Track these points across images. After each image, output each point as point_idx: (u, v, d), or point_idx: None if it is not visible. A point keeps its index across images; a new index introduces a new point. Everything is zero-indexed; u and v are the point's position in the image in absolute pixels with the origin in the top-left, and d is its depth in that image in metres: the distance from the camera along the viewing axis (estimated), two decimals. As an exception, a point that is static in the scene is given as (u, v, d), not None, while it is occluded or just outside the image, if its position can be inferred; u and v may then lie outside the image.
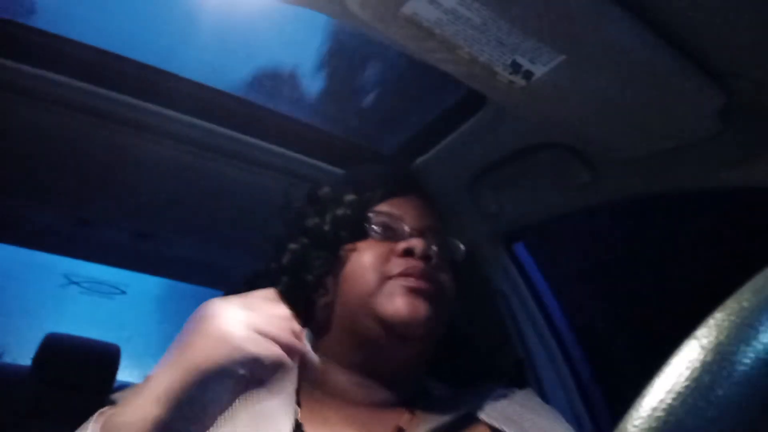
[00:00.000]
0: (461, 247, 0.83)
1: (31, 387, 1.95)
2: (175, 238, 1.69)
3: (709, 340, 0.22)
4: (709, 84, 0.65)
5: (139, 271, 2.16)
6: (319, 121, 1.25)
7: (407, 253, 0.73)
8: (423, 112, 1.15)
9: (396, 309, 0.70)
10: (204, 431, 0.53)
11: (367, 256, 0.75)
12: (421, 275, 0.72)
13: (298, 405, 0.70)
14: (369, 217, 0.79)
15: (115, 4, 1.23)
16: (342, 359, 0.74)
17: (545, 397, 1.14)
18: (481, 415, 0.70)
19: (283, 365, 0.52)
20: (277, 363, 0.52)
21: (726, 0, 0.56)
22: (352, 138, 1.25)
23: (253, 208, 1.27)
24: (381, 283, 0.72)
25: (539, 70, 0.66)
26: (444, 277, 0.76)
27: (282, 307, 0.57)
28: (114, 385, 2.07)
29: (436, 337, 0.76)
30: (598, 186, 0.95)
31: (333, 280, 0.77)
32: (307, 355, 0.57)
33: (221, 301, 0.56)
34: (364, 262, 0.74)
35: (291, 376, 0.70)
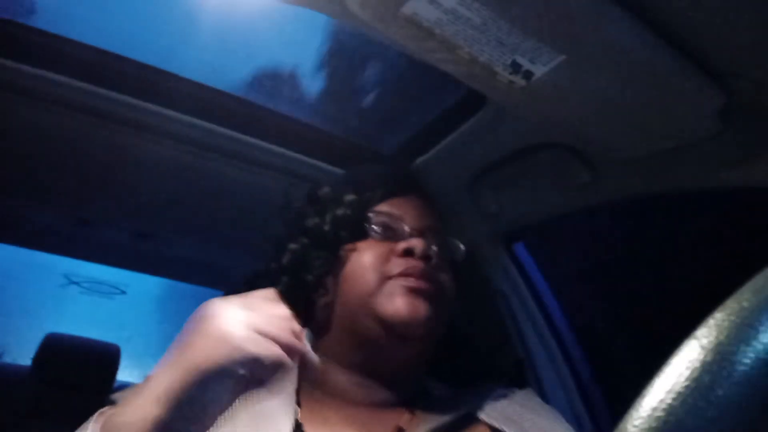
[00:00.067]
0: (461, 247, 0.83)
1: (31, 387, 1.95)
2: (175, 238, 1.69)
3: (709, 340, 0.22)
4: (709, 84, 0.65)
5: (139, 271, 2.15)
6: (319, 121, 1.25)
7: (407, 253, 0.73)
8: (423, 112, 1.15)
9: (396, 309, 0.70)
10: (204, 431, 0.53)
11: (367, 256, 0.75)
12: (421, 275, 0.72)
13: (298, 405, 0.70)
14: (369, 217, 0.79)
15: (115, 4, 1.23)
16: (342, 359, 0.74)
17: (545, 397, 1.14)
18: (481, 415, 0.70)
19: (283, 365, 0.52)
20: (277, 363, 0.52)
21: (726, 0, 0.56)
22: (352, 138, 1.25)
23: (253, 208, 1.27)
24: (381, 283, 0.72)
25: (539, 70, 0.66)
26: (444, 277, 0.76)
27: (282, 307, 0.57)
28: (114, 385, 2.07)
29: (436, 337, 0.76)
30: (598, 186, 0.95)
31: (333, 280, 0.77)
32: (307, 355, 0.57)
33: (221, 301, 0.56)
34: (364, 262, 0.74)
35: (291, 376, 0.70)
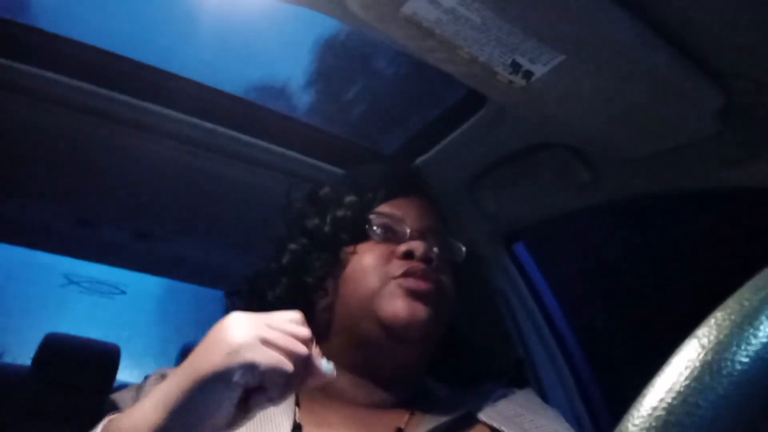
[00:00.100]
0: (462, 248, 0.82)
1: (31, 387, 1.94)
2: (175, 238, 1.69)
3: (709, 340, 0.22)
4: (709, 84, 0.65)
5: (139, 271, 2.15)
6: (319, 121, 1.25)
7: (408, 255, 0.73)
8: (423, 112, 1.15)
9: (396, 311, 0.69)
10: None
11: (367, 258, 0.74)
12: (421, 277, 0.72)
13: (298, 406, 0.70)
14: (370, 219, 0.78)
15: (115, 4, 1.23)
16: (342, 360, 0.73)
17: (545, 397, 1.14)
18: (480, 416, 0.70)
19: (284, 372, 0.50)
20: (276, 369, 0.50)
21: (726, 0, 0.56)
22: (352, 138, 1.25)
23: (253, 208, 1.27)
24: (381, 285, 0.72)
25: (539, 70, 0.66)
26: (444, 279, 0.76)
27: (305, 330, 0.54)
28: (114, 385, 2.07)
29: (437, 339, 0.76)
30: (598, 186, 0.95)
31: (333, 281, 0.77)
32: (318, 365, 0.53)
33: (239, 315, 0.54)
34: (365, 264, 0.74)
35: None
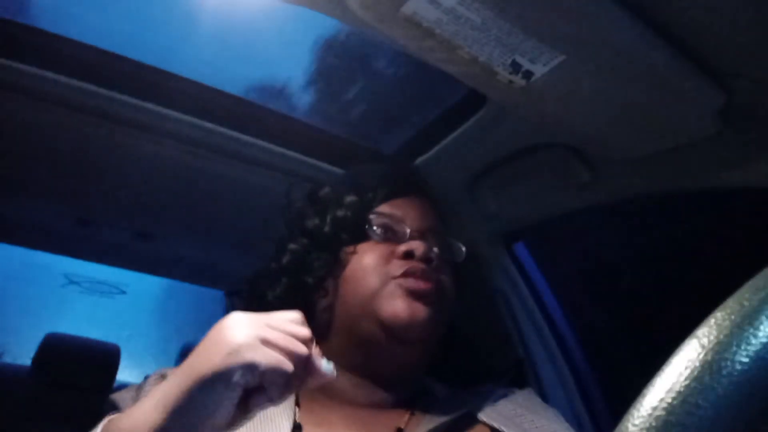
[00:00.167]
0: (462, 248, 0.82)
1: (31, 387, 1.94)
2: (175, 238, 1.69)
3: (709, 340, 0.22)
4: (709, 84, 0.65)
5: (139, 271, 2.15)
6: (319, 121, 1.25)
7: (408, 255, 0.73)
8: (423, 112, 1.15)
9: (396, 311, 0.69)
10: None
11: (367, 258, 0.74)
12: (421, 277, 0.72)
13: (298, 406, 0.70)
14: (370, 219, 0.78)
15: (115, 4, 1.23)
16: (342, 361, 0.73)
17: (545, 397, 1.14)
18: (480, 416, 0.70)
19: (284, 372, 0.50)
20: (276, 369, 0.49)
21: (726, 0, 0.56)
22: (352, 138, 1.25)
23: (253, 208, 1.27)
24: (381, 285, 0.72)
25: (539, 70, 0.66)
26: (444, 279, 0.76)
27: (305, 330, 0.54)
28: (114, 385, 2.07)
29: (437, 339, 0.76)
30: (598, 186, 0.95)
31: (333, 281, 0.77)
32: (318, 364, 0.53)
33: (239, 315, 0.54)
34: (365, 265, 0.74)
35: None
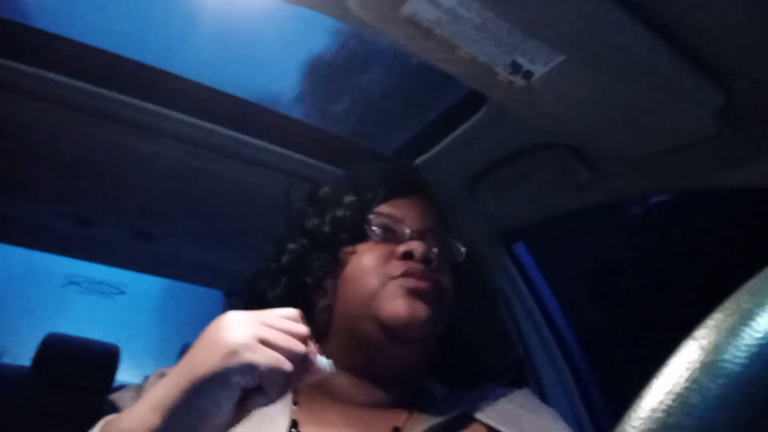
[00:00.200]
0: (462, 248, 0.82)
1: (30, 387, 1.95)
2: (174, 238, 1.69)
3: (707, 341, 0.22)
4: (709, 84, 0.65)
5: (139, 271, 2.15)
6: (319, 121, 1.25)
7: (407, 255, 0.73)
8: (423, 112, 1.15)
9: (396, 311, 0.69)
10: None
11: (367, 258, 0.74)
12: (421, 277, 0.72)
13: (296, 404, 0.70)
14: (369, 219, 0.78)
15: (115, 4, 1.23)
16: (341, 361, 0.73)
17: (545, 397, 1.14)
18: (477, 415, 0.70)
19: (283, 372, 0.50)
20: (275, 369, 0.49)
21: (726, 0, 0.56)
22: (352, 138, 1.25)
23: (253, 208, 1.27)
24: (381, 285, 0.71)
25: (539, 70, 0.66)
26: (444, 279, 0.76)
27: (302, 327, 0.54)
28: (113, 385, 2.07)
29: (436, 339, 0.76)
30: (598, 186, 0.95)
31: (332, 282, 0.76)
32: (316, 363, 0.53)
33: (234, 313, 0.54)
34: (364, 265, 0.74)
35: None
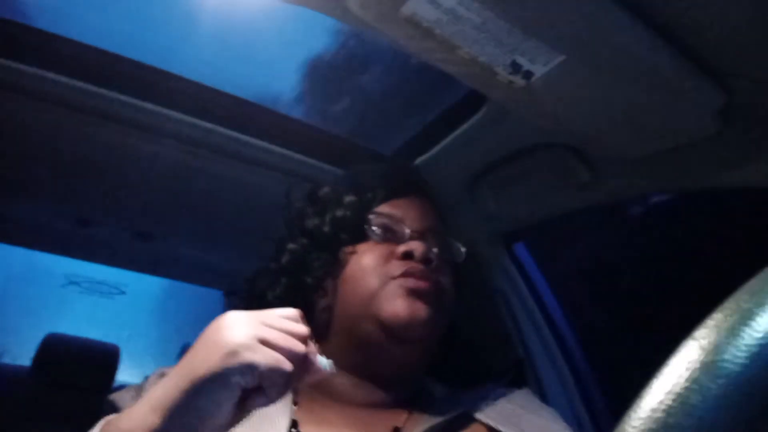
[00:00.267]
0: (462, 249, 0.82)
1: (30, 387, 1.95)
2: (174, 238, 1.69)
3: (707, 341, 0.22)
4: (709, 84, 0.65)
5: (139, 271, 2.15)
6: (319, 121, 1.25)
7: (407, 256, 0.73)
8: (423, 112, 1.15)
9: (396, 311, 0.69)
10: None
11: (366, 258, 0.74)
12: (420, 277, 0.72)
13: (296, 405, 0.70)
14: (369, 219, 0.78)
15: (115, 4, 1.23)
16: (341, 361, 0.73)
17: (545, 397, 1.14)
18: (477, 415, 0.70)
19: (283, 372, 0.50)
20: (275, 369, 0.49)
21: (726, 0, 0.56)
22: (352, 138, 1.25)
23: (253, 208, 1.27)
24: (381, 285, 0.71)
25: (539, 70, 0.66)
26: (444, 279, 0.76)
27: (302, 327, 0.54)
28: (113, 386, 2.07)
29: (436, 339, 0.76)
30: (598, 186, 0.95)
31: (332, 282, 0.76)
32: (316, 362, 0.53)
33: (234, 314, 0.54)
34: (364, 265, 0.74)
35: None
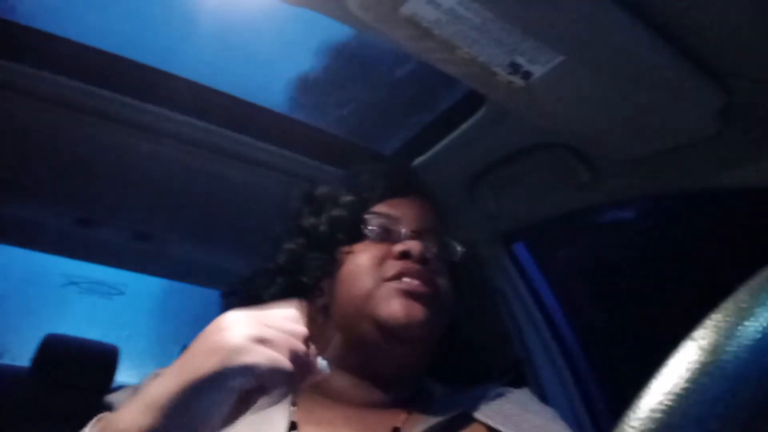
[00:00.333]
0: (460, 248, 0.82)
1: (30, 388, 1.94)
2: (174, 238, 1.69)
3: (707, 342, 0.22)
4: (709, 84, 0.65)
5: (139, 271, 2.15)
6: (318, 121, 1.25)
7: (404, 255, 0.73)
8: (422, 113, 1.15)
9: (392, 311, 0.69)
10: None
11: (363, 258, 0.74)
12: (417, 277, 0.71)
13: (295, 405, 0.70)
14: (366, 219, 0.78)
15: (115, 5, 1.23)
16: (340, 361, 0.73)
17: (545, 397, 1.14)
18: (477, 415, 0.69)
19: (283, 371, 0.49)
20: (275, 369, 0.49)
21: (726, 0, 0.56)
22: (352, 138, 1.25)
23: (253, 209, 1.27)
24: (377, 285, 0.71)
25: (538, 71, 0.66)
26: (441, 280, 0.76)
27: (300, 327, 0.53)
28: (113, 386, 2.07)
29: (435, 339, 0.76)
30: (598, 186, 0.95)
31: (329, 282, 0.76)
32: (313, 363, 0.53)
33: (234, 314, 0.53)
34: (361, 265, 0.74)
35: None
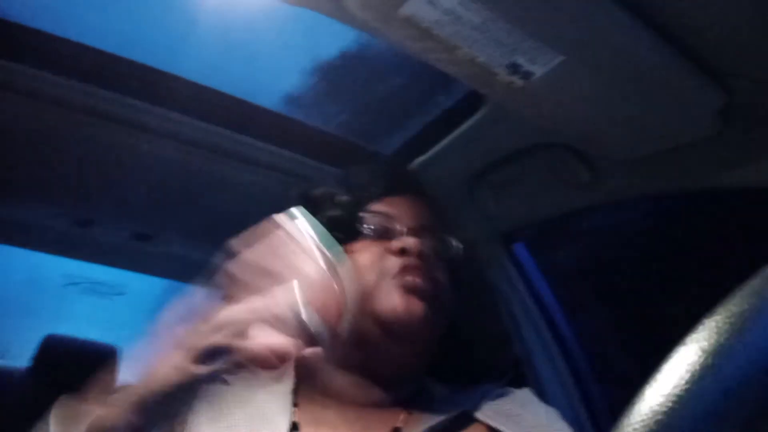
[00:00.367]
0: (458, 245, 0.82)
1: (29, 388, 1.94)
2: (175, 238, 1.69)
3: (706, 342, 0.22)
4: (709, 84, 0.65)
5: (139, 271, 2.15)
6: (318, 121, 1.25)
7: (402, 252, 0.73)
8: (422, 113, 1.15)
9: (392, 308, 0.69)
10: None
11: (361, 256, 0.74)
12: (416, 273, 0.72)
13: (295, 405, 0.70)
14: (363, 217, 0.78)
15: (115, 5, 1.23)
16: (339, 360, 0.73)
17: (545, 396, 1.14)
18: (477, 414, 0.69)
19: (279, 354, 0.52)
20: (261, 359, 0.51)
21: (726, 0, 0.56)
22: (352, 138, 1.25)
23: (254, 209, 1.27)
24: (376, 282, 0.72)
25: (538, 71, 0.66)
26: (440, 276, 0.76)
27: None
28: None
29: (434, 337, 0.76)
30: (598, 186, 0.95)
31: None
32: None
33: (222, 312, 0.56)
34: (359, 263, 0.74)
35: (287, 376, 0.70)
